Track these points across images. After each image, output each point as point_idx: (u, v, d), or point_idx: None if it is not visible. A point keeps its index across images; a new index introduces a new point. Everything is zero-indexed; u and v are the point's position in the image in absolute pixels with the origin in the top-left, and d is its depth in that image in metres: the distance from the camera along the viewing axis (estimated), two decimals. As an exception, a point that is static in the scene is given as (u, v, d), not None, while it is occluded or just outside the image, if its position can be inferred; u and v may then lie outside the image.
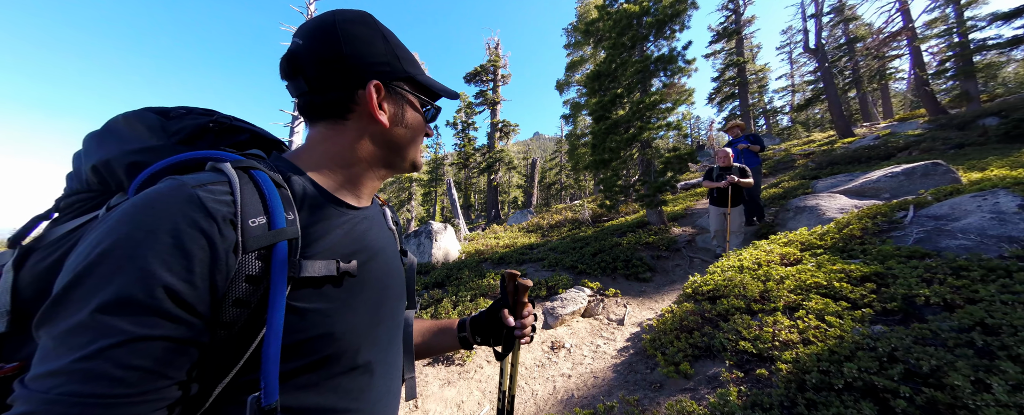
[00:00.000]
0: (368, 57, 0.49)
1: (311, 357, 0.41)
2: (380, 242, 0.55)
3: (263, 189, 0.42)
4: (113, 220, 0.35)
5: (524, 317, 0.70)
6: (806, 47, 14.81)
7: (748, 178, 4.49)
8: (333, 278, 0.44)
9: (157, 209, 0.35)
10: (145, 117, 0.51)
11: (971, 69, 12.09)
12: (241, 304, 0.38)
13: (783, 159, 11.59)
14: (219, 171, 0.42)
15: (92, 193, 0.48)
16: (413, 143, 0.56)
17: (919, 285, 2.08)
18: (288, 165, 0.49)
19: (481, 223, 18.18)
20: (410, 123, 0.54)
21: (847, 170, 7.50)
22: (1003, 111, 8.81)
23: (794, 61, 27.50)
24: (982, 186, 3.22)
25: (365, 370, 0.48)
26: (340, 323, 0.44)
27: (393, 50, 0.51)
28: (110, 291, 0.31)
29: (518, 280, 0.69)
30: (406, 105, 0.53)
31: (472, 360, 3.08)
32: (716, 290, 2.76)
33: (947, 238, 2.55)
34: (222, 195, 0.39)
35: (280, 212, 0.41)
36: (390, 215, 0.66)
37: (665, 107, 6.71)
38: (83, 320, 0.31)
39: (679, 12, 6.91)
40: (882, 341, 1.73)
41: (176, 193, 0.37)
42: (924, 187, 4.38)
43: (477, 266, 5.78)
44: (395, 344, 0.58)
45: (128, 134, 0.49)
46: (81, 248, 0.35)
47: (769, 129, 27.21)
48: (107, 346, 0.30)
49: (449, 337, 0.75)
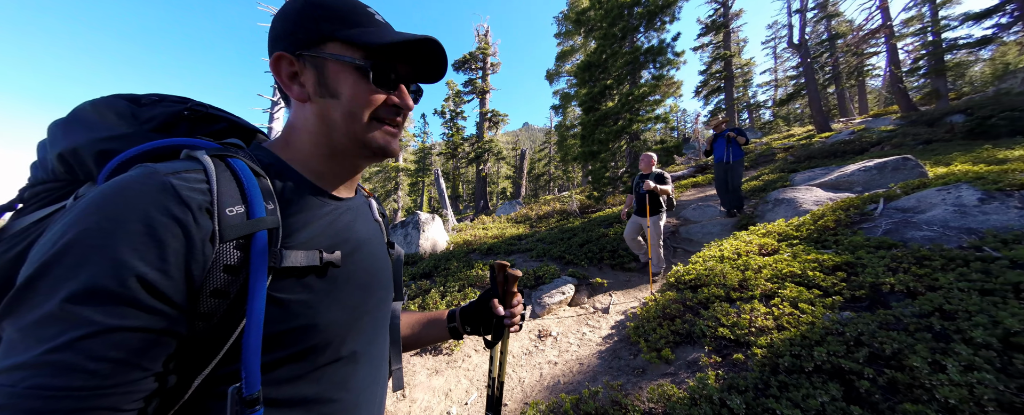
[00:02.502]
0: (285, 28, 0.45)
1: (293, 348, 0.41)
2: (365, 233, 0.54)
3: (241, 178, 0.41)
4: (81, 209, 0.34)
5: (513, 306, 0.71)
6: (790, 42, 15.09)
7: (667, 184, 4.14)
8: (316, 268, 0.43)
9: (128, 197, 0.34)
10: (115, 104, 0.49)
11: (942, 67, 12.60)
12: (219, 295, 0.37)
13: (764, 152, 11.91)
14: (194, 159, 0.41)
15: (59, 183, 0.47)
16: (354, 116, 0.45)
17: (885, 274, 2.20)
18: (267, 154, 0.48)
19: (469, 214, 18.14)
20: (341, 91, 0.44)
21: (824, 164, 7.78)
22: (969, 109, 9.25)
23: (778, 56, 28.06)
24: (947, 180, 3.39)
25: (350, 361, 0.48)
26: (323, 314, 0.43)
27: (315, 12, 0.44)
28: (80, 281, 0.30)
29: (507, 270, 0.70)
30: (330, 71, 0.44)
31: (460, 349, 3.10)
32: (698, 279, 2.85)
33: (913, 229, 2.69)
34: (197, 183, 0.38)
35: (259, 201, 0.40)
36: (376, 207, 0.66)
37: (654, 99, 6.78)
38: (52, 311, 0.30)
39: (670, 3, 6.92)
40: (850, 326, 1.83)
41: (148, 181, 0.35)
42: (894, 181, 4.60)
43: (465, 257, 5.78)
44: (381, 335, 0.57)
45: (97, 121, 0.47)
46: (47, 237, 0.34)
47: (752, 123, 27.85)
48: (78, 337, 0.29)
49: (439, 328, 0.75)
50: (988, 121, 7.64)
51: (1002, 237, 2.22)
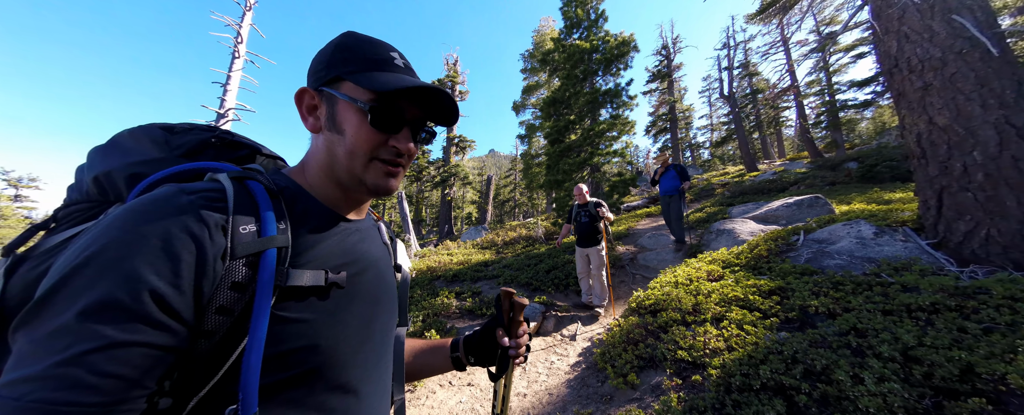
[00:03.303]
0: (314, 67, 0.49)
1: (294, 370, 0.40)
2: (373, 255, 0.55)
3: (256, 198, 0.43)
4: (105, 224, 0.35)
5: (519, 336, 0.69)
6: (721, 93, 17.43)
7: (603, 207, 4.11)
8: (320, 288, 0.44)
9: (150, 213, 0.35)
10: (151, 131, 0.53)
11: (837, 123, 15.25)
12: (224, 311, 0.37)
13: (705, 187, 13.26)
14: (215, 181, 0.43)
15: (91, 203, 0.49)
16: (354, 154, 0.46)
17: (810, 297, 2.52)
18: (284, 178, 0.50)
19: (433, 239, 17.62)
20: (343, 126, 0.46)
21: (754, 199, 8.83)
22: (860, 158, 11.19)
23: (713, 104, 32.07)
24: (849, 216, 4.04)
25: (351, 387, 0.47)
26: (326, 336, 0.43)
27: (338, 54, 0.48)
28: (96, 294, 0.31)
29: (514, 298, 0.68)
30: (339, 108, 0.47)
31: (424, 386, 2.93)
32: (657, 304, 3.03)
33: (828, 258, 3.14)
34: (215, 203, 0.39)
35: (271, 221, 0.41)
36: (385, 230, 0.66)
37: (612, 135, 7.38)
38: (66, 323, 0.30)
39: (624, 53, 7.78)
40: (786, 345, 2.05)
41: (171, 199, 0.37)
42: (810, 216, 5.35)
43: (429, 284, 5.58)
44: (385, 361, 0.56)
45: (133, 147, 0.50)
46: (70, 250, 0.34)
47: (693, 161, 30.99)
48: (86, 351, 0.29)
49: (441, 357, 0.73)
50: (875, 168, 9.29)
51: (894, 265, 2.68)
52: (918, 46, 2.96)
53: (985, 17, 2.81)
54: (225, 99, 10.26)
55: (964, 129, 2.69)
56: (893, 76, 3.21)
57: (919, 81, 2.96)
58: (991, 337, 1.74)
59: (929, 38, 2.90)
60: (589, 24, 8.37)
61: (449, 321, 4.20)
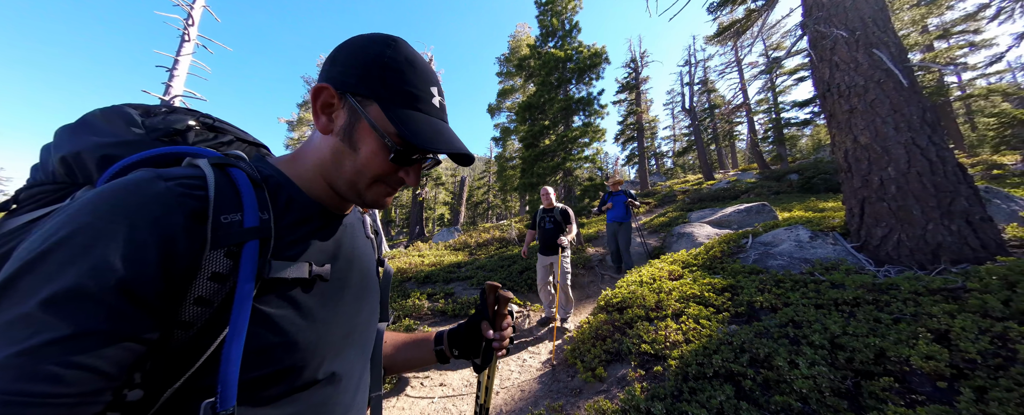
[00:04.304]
0: (346, 64, 0.45)
1: (273, 366, 0.39)
2: (356, 250, 0.54)
3: (238, 187, 0.40)
4: (74, 208, 0.33)
5: (503, 329, 0.68)
6: (683, 107, 18.62)
7: (572, 225, 3.81)
8: (304, 281, 0.42)
9: (123, 199, 0.34)
10: (124, 112, 0.49)
11: (782, 138, 16.83)
12: (203, 303, 0.36)
13: (668, 194, 14.07)
14: (195, 166, 0.41)
15: (57, 185, 0.46)
16: (361, 174, 0.46)
17: (757, 293, 2.79)
18: (268, 167, 0.48)
19: (403, 240, 17.14)
20: (360, 146, 0.45)
21: (711, 205, 9.52)
22: (800, 170, 12.43)
23: (675, 116, 34.12)
24: (790, 222, 4.49)
25: (331, 382, 0.46)
26: (306, 331, 0.42)
27: (380, 72, 0.44)
28: (61, 282, 0.29)
29: (499, 292, 0.68)
30: (360, 126, 0.45)
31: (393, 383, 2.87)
32: (623, 301, 3.19)
33: (772, 259, 3.48)
34: (194, 190, 0.37)
35: (254, 211, 0.39)
36: (369, 223, 0.64)
37: (584, 142, 7.64)
38: (27, 311, 0.28)
39: (596, 64, 8.11)
40: (736, 337, 2.27)
41: (145, 185, 0.35)
42: (758, 221, 5.88)
43: (400, 286, 5.45)
44: (365, 356, 0.56)
45: (105, 128, 0.46)
46: (35, 235, 0.32)
47: (658, 169, 32.72)
48: (49, 340, 0.28)
49: (424, 350, 0.71)
50: (812, 180, 10.37)
51: (825, 265, 3.03)
52: (846, 74, 3.39)
53: (898, 52, 3.29)
54: (171, 85, 9.37)
55: (881, 148, 3.12)
56: (826, 99, 3.65)
57: (846, 104, 3.39)
58: (899, 326, 2.03)
59: (854, 68, 3.34)
60: (563, 34, 8.66)
61: (421, 323, 4.14)
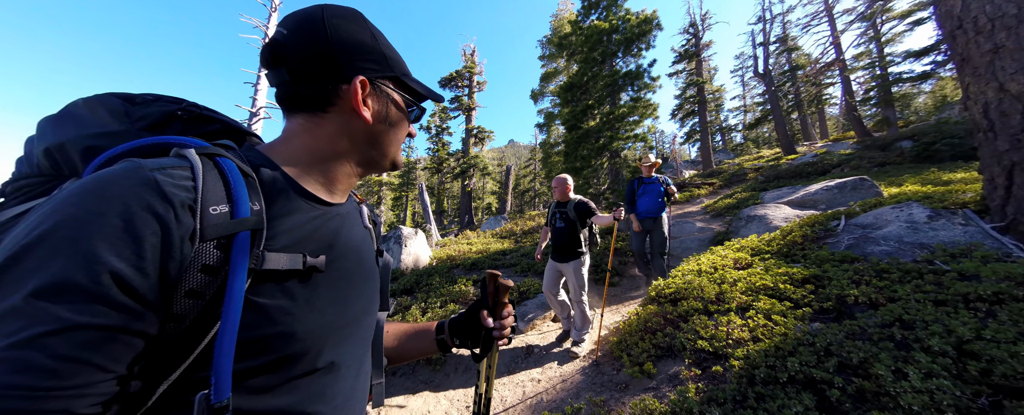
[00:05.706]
0: (355, 53, 0.49)
1: (268, 356, 0.39)
2: (353, 240, 0.54)
3: (228, 177, 0.40)
4: (59, 200, 0.33)
5: (503, 318, 0.68)
6: (756, 72, 16.24)
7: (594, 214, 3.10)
8: (298, 272, 0.42)
9: (109, 190, 0.33)
10: (108, 101, 0.48)
11: (890, 98, 13.82)
12: (195, 295, 0.35)
13: (737, 172, 12.52)
14: (182, 157, 0.40)
15: (42, 178, 0.46)
16: (395, 142, 0.56)
17: (849, 286, 2.31)
18: (259, 156, 0.47)
19: (454, 228, 17.95)
20: (393, 121, 0.54)
21: (790, 183, 8.24)
22: (915, 135, 10.13)
23: (746, 84, 30.02)
24: (899, 199, 3.66)
25: (329, 371, 0.46)
26: (302, 321, 0.42)
27: (381, 48, 0.51)
28: (49, 274, 0.29)
29: (499, 280, 0.68)
30: (390, 103, 0.53)
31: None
32: (677, 293, 2.90)
33: (872, 244, 2.86)
34: (182, 180, 0.37)
35: (244, 201, 0.39)
36: (367, 213, 0.64)
37: (633, 120, 7.07)
38: (15, 304, 0.28)
39: (645, 32, 7.36)
40: (819, 337, 1.90)
41: (132, 175, 0.35)
42: (853, 199, 4.92)
43: (448, 272, 5.68)
44: (364, 346, 0.55)
45: (88, 118, 0.46)
46: (21, 227, 0.32)
47: (725, 145, 29.36)
48: (40, 333, 0.28)
49: (426, 340, 0.72)
50: (933, 146, 8.37)
51: (950, 251, 2.40)
52: (987, 3, 2.57)
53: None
54: (256, 99, 10.76)
55: (1044, 95, 2.33)
56: (956, 39, 2.82)
57: (988, 43, 2.58)
58: (1068, 331, 1.52)
59: (1003, -9, 2.51)
60: (608, 3, 7.97)
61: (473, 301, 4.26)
